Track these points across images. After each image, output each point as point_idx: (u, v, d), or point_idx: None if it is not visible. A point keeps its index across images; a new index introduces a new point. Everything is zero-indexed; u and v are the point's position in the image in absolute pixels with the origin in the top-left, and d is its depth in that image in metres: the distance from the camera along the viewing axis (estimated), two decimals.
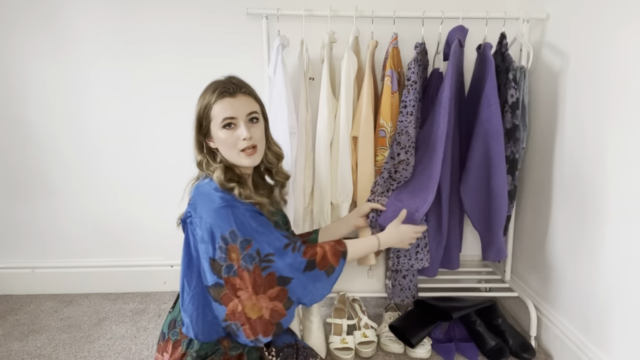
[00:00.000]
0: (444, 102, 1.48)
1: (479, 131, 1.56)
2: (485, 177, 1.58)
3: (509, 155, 1.61)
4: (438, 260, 1.69)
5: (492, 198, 1.58)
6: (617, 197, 1.28)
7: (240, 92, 1.13)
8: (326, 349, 1.61)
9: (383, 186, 1.56)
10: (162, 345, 1.18)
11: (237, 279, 1.06)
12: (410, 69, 1.53)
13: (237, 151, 1.12)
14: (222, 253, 1.06)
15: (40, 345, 1.69)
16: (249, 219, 1.08)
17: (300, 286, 1.12)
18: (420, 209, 1.45)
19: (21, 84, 1.94)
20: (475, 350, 1.61)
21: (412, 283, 1.65)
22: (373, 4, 1.64)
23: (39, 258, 2.12)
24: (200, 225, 1.07)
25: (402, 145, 1.52)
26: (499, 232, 1.60)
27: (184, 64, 1.92)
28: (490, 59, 1.53)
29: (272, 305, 1.08)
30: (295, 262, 1.11)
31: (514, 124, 1.59)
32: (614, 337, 1.31)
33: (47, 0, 1.86)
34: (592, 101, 1.39)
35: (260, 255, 1.08)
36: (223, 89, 1.11)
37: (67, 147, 2.01)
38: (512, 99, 1.57)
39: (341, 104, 1.57)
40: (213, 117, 1.12)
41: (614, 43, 1.30)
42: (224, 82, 1.13)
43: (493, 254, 1.64)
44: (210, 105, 1.11)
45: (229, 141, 1.12)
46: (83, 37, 1.90)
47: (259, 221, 1.10)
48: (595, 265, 1.39)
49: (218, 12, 1.87)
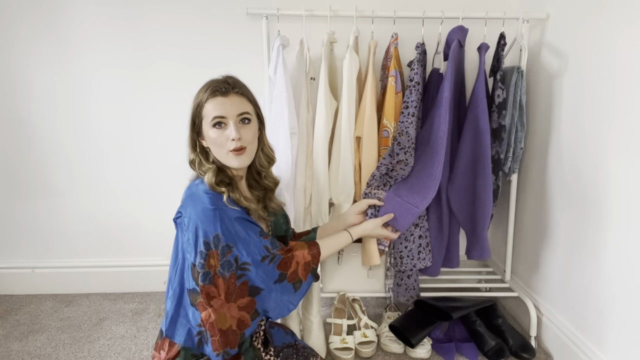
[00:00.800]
0: (444, 102, 1.48)
1: (467, 131, 1.58)
2: (472, 177, 1.60)
3: (493, 155, 1.63)
4: (440, 260, 1.69)
5: (478, 197, 1.60)
6: (617, 197, 1.28)
7: (233, 92, 1.12)
8: (326, 349, 1.61)
9: (379, 181, 1.56)
10: (159, 343, 1.18)
11: (212, 286, 1.06)
12: (413, 69, 1.53)
13: (226, 151, 1.11)
14: (201, 259, 1.06)
15: (40, 345, 1.69)
16: (235, 223, 1.08)
17: (268, 297, 1.12)
18: (419, 205, 1.47)
19: (24, 86, 1.94)
20: (475, 350, 1.61)
21: (416, 282, 1.66)
22: (373, 4, 1.65)
23: (39, 258, 2.12)
24: (188, 226, 1.07)
25: (402, 146, 1.53)
26: (483, 231, 1.62)
27: (184, 64, 1.92)
28: (482, 60, 1.55)
29: (240, 315, 1.09)
30: (268, 272, 1.11)
31: (500, 124, 1.60)
32: (614, 337, 1.31)
33: (50, 4, 1.86)
34: (591, 101, 1.39)
35: (237, 262, 1.08)
36: (215, 88, 1.10)
37: (67, 148, 2.01)
38: (498, 99, 1.58)
39: (343, 104, 1.57)
40: (204, 115, 1.11)
41: (613, 43, 1.30)
42: (218, 81, 1.13)
43: (477, 253, 1.66)
44: (202, 103, 1.11)
45: (218, 140, 1.11)
46: (86, 40, 1.90)
47: (244, 226, 1.10)
48: (595, 265, 1.39)
49: (218, 12, 1.87)
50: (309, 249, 1.22)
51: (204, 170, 1.14)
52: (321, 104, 1.59)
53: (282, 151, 1.55)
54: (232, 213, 1.09)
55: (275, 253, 1.14)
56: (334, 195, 1.64)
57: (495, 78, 1.59)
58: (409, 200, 1.48)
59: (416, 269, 1.64)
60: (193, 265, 1.07)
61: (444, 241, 1.67)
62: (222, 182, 1.12)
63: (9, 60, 1.91)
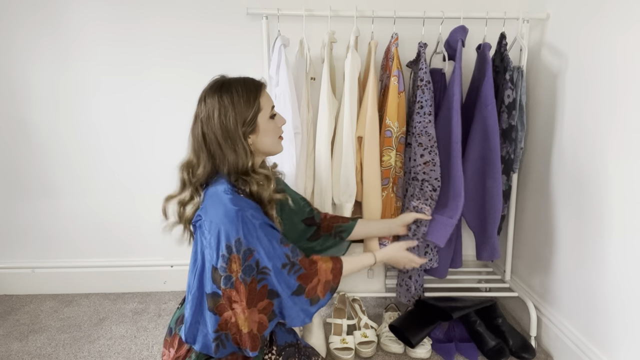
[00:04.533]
0: (455, 105, 1.48)
1: (476, 131, 1.57)
2: (481, 177, 1.60)
3: (504, 155, 1.62)
4: (448, 261, 1.69)
5: (488, 198, 1.59)
6: (618, 197, 1.28)
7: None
8: (326, 349, 1.61)
9: (422, 194, 1.56)
10: (168, 340, 1.19)
11: (233, 291, 1.06)
12: (422, 69, 1.53)
13: (278, 137, 1.20)
14: (223, 262, 1.05)
15: (40, 345, 1.69)
16: (257, 227, 1.08)
17: (284, 305, 1.12)
18: (454, 216, 1.49)
19: (23, 84, 1.94)
20: (475, 350, 1.61)
21: (418, 283, 1.66)
22: (373, 4, 1.65)
23: (39, 258, 2.12)
24: (210, 229, 1.07)
25: (424, 146, 1.53)
26: (493, 231, 1.61)
27: (184, 64, 1.92)
28: (488, 60, 1.53)
29: (259, 318, 1.09)
30: (287, 282, 1.11)
31: (510, 124, 1.59)
32: (614, 337, 1.31)
33: (50, 4, 1.86)
34: (592, 101, 1.39)
35: (258, 266, 1.08)
36: (257, 83, 1.17)
37: (67, 147, 2.01)
38: (508, 100, 1.57)
39: (345, 104, 1.57)
40: (262, 108, 1.15)
41: (614, 43, 1.30)
42: (250, 78, 1.17)
43: (487, 254, 1.65)
44: (257, 98, 1.14)
45: (275, 129, 1.19)
46: (85, 40, 1.90)
47: (265, 232, 1.09)
48: (595, 265, 1.39)
49: (218, 12, 1.87)
50: (333, 267, 1.20)
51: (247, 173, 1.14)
52: (324, 104, 1.58)
53: (285, 151, 1.55)
54: (254, 215, 1.08)
55: (295, 262, 1.13)
56: (336, 195, 1.64)
57: (505, 78, 1.57)
58: (442, 213, 1.51)
59: (420, 270, 1.64)
60: (214, 268, 1.07)
61: (452, 242, 1.67)
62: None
63: (8, 60, 1.91)
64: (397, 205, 1.65)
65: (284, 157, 1.56)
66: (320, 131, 1.60)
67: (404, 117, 1.61)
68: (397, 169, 1.61)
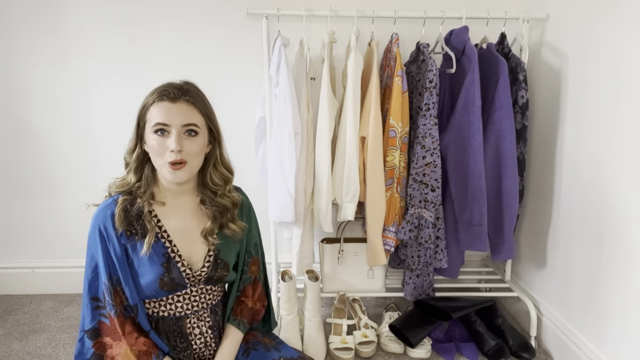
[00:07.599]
0: (477, 112, 1.49)
1: (491, 132, 1.56)
2: (496, 178, 1.59)
3: (518, 155, 1.61)
4: (459, 262, 1.70)
5: (504, 198, 1.58)
6: (617, 197, 1.29)
7: (183, 99, 1.01)
8: (326, 349, 1.61)
9: (418, 196, 1.58)
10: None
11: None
12: (431, 70, 1.52)
13: (164, 162, 1.00)
14: None
15: (40, 345, 1.69)
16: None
17: None
18: (482, 222, 1.54)
19: (22, 84, 1.94)
20: (475, 350, 1.61)
21: (426, 282, 1.65)
22: (374, 4, 1.64)
23: (39, 258, 2.12)
24: None
25: (426, 148, 1.53)
26: (510, 232, 1.61)
27: (184, 64, 1.92)
28: (502, 60, 1.51)
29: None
30: (82, 348, 1.08)
31: (524, 125, 1.60)
32: (614, 337, 1.31)
33: (48, 2, 1.85)
34: (592, 101, 1.39)
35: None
36: (164, 92, 1.01)
37: (67, 147, 2.00)
38: (522, 100, 1.57)
39: (347, 104, 1.57)
40: (148, 119, 1.02)
41: (614, 43, 1.30)
42: (171, 85, 1.04)
43: (503, 254, 1.64)
44: (148, 105, 1.03)
45: (158, 149, 1.00)
46: (85, 40, 1.90)
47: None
48: (595, 265, 1.39)
49: (218, 12, 1.87)
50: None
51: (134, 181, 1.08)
52: (324, 104, 1.58)
53: (286, 151, 1.55)
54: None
55: (94, 323, 1.08)
56: (337, 195, 1.64)
57: (518, 79, 1.57)
58: (471, 223, 1.54)
59: (430, 269, 1.63)
60: None
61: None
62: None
63: (8, 60, 1.91)
64: (401, 206, 1.64)
65: (284, 157, 1.55)
66: (321, 131, 1.60)
67: (407, 117, 1.61)
68: (400, 169, 1.61)
